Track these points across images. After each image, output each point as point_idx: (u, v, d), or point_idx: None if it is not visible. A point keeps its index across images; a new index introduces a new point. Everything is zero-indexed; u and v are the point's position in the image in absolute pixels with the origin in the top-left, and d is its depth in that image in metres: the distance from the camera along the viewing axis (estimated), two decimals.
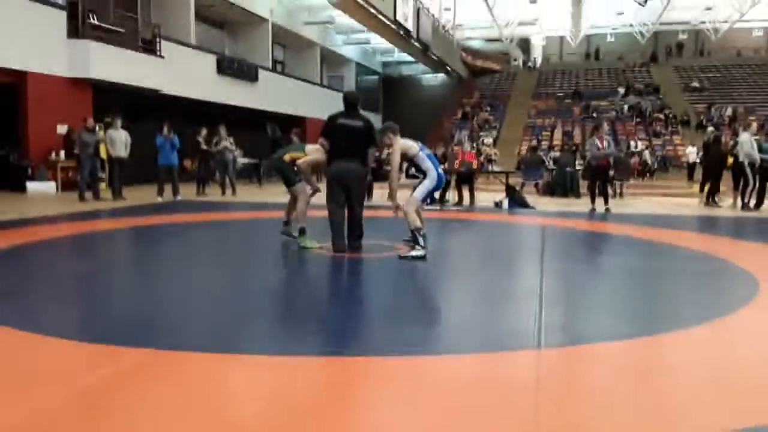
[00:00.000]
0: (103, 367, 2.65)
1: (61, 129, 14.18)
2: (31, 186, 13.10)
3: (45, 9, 13.79)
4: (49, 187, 13.38)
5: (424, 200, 5.74)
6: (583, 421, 2.19)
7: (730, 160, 11.29)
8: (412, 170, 7.07)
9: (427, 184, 5.55)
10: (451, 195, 11.76)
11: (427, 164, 5.57)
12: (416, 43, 25.23)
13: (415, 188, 5.62)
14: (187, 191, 12.76)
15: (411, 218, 5.45)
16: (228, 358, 2.82)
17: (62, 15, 14.26)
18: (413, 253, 5.38)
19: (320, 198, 6.19)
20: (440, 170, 5.68)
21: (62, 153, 13.89)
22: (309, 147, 6.13)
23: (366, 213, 5.97)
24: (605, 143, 10.10)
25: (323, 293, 4.59)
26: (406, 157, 5.64)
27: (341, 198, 5.63)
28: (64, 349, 2.95)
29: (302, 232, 5.93)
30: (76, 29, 14.51)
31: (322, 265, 5.36)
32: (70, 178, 13.52)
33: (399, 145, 5.57)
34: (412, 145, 5.63)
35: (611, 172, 10.66)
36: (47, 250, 6.10)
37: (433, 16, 28.31)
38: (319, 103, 26.51)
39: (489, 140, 28.43)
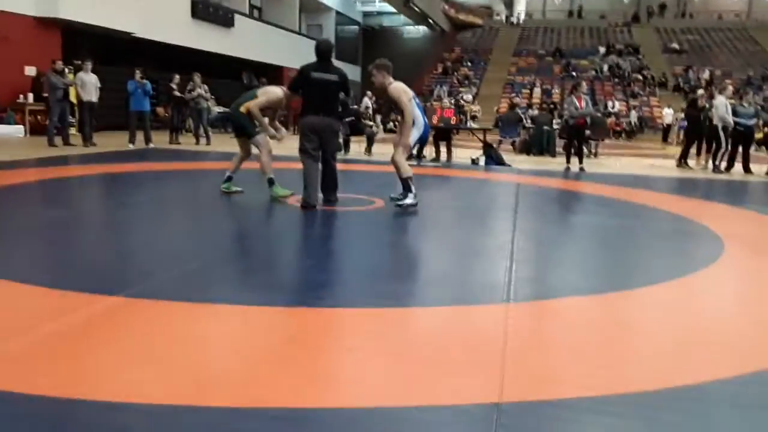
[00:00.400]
0: (69, 314, 2.63)
1: (30, 71, 13.67)
2: None
3: None
4: (17, 130, 12.98)
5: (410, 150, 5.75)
6: (548, 373, 2.25)
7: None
8: (391, 124, 7.06)
9: (414, 133, 5.54)
10: (429, 151, 11.73)
11: (416, 112, 5.55)
12: None
13: (399, 139, 5.62)
14: (160, 139, 12.50)
15: (404, 168, 5.51)
16: (196, 307, 2.82)
17: None
18: (407, 201, 5.47)
19: (283, 148, 6.13)
20: (425, 120, 5.66)
21: (30, 96, 13.44)
22: (260, 91, 5.90)
23: (341, 166, 5.93)
24: (583, 103, 10.11)
25: (295, 245, 4.59)
26: (399, 103, 5.50)
27: (316, 151, 5.53)
28: (31, 296, 2.92)
29: (271, 182, 5.84)
30: None
31: (295, 218, 5.33)
32: (39, 122, 13.11)
33: (397, 87, 5.51)
34: (408, 90, 5.59)
35: (587, 132, 10.70)
36: (15, 195, 5.96)
37: None
38: (297, 52, 25.85)
39: (468, 96, 28.27)
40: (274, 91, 5.83)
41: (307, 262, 3.97)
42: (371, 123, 17.78)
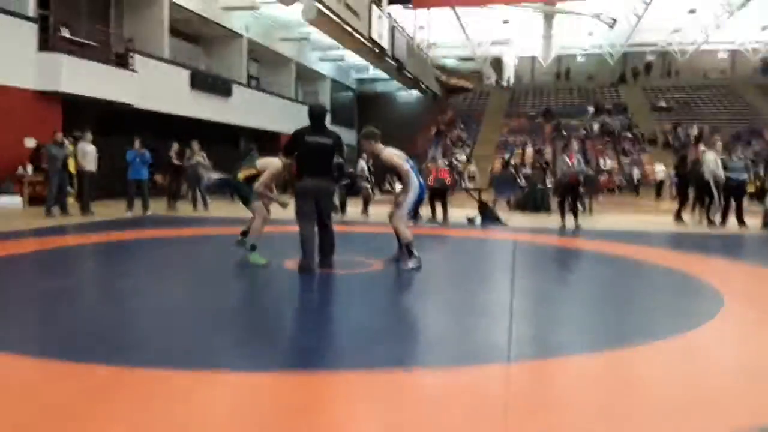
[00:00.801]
0: (65, 386, 2.58)
1: (29, 143, 13.92)
2: None
3: (15, 21, 13.60)
4: (16, 201, 13.09)
5: (408, 213, 5.81)
6: None
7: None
8: (387, 185, 7.21)
9: (410, 197, 5.64)
10: (425, 211, 11.82)
11: (411, 176, 5.70)
12: (391, 61, 25.39)
13: (397, 204, 5.70)
14: (159, 206, 12.60)
15: (403, 234, 5.61)
16: (193, 375, 2.78)
17: (33, 28, 14.07)
18: (411, 264, 5.53)
19: (283, 212, 6.18)
20: (420, 180, 5.76)
21: (29, 167, 13.62)
22: (260, 162, 6.04)
23: (338, 228, 5.96)
24: (575, 161, 10.28)
25: (294, 309, 4.55)
26: (396, 169, 5.74)
27: (312, 215, 5.54)
28: (26, 367, 2.88)
29: (253, 248, 5.85)
30: (46, 42, 14.33)
31: (293, 282, 5.32)
32: (37, 193, 13.25)
33: (390, 152, 5.67)
34: (401, 154, 5.76)
35: (581, 189, 10.84)
36: (12, 265, 5.95)
37: (407, 34, 28.58)
38: (293, 119, 26.43)
39: (462, 157, 28.72)
40: (274, 164, 5.88)
41: (306, 326, 3.94)
42: (367, 185, 18.02)
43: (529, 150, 28.24)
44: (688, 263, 6.74)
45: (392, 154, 5.66)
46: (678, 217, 11.67)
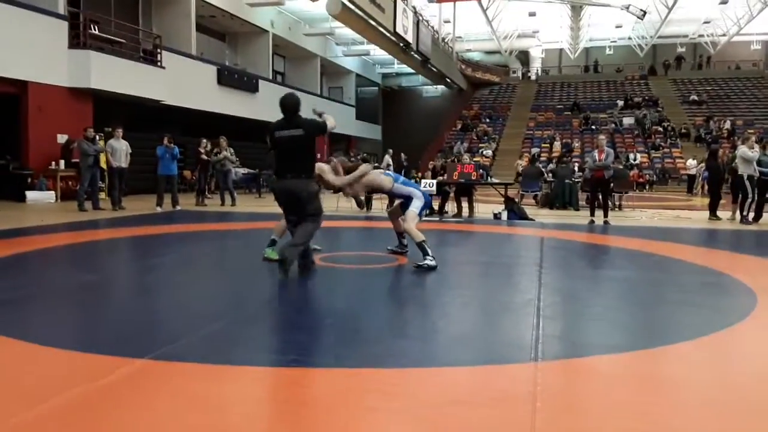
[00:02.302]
0: (96, 378, 2.63)
1: (61, 139, 14.22)
2: (31, 195, 13.11)
3: (46, 19, 13.87)
4: (49, 196, 13.39)
5: (420, 215, 5.84)
6: None
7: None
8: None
9: (418, 204, 5.73)
10: (450, 207, 11.77)
11: (408, 190, 5.80)
12: (416, 55, 25.33)
13: (405, 206, 5.80)
14: (188, 201, 12.76)
15: (414, 234, 5.61)
16: (219, 369, 2.81)
17: (64, 25, 14.34)
18: (426, 262, 5.50)
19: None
20: (423, 189, 5.89)
21: (62, 162, 13.92)
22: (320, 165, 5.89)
23: (363, 224, 5.96)
24: (603, 155, 10.13)
25: (317, 305, 4.58)
26: (381, 190, 5.92)
27: (292, 218, 5.11)
28: (58, 359, 2.94)
29: (272, 243, 5.88)
30: (77, 39, 14.59)
31: (317, 277, 5.34)
32: (70, 188, 13.54)
33: (373, 176, 5.78)
34: (384, 180, 5.82)
35: (611, 184, 10.69)
36: (45, 259, 6.09)
37: (432, 28, 28.46)
38: None
39: (488, 152, 28.53)
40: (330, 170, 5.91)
41: (329, 321, 3.96)
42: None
43: (557, 144, 27.92)
44: (721, 260, 6.60)
45: (380, 181, 5.81)
46: (712, 213, 11.43)
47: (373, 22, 20.20)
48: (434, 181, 11.29)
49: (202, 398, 2.46)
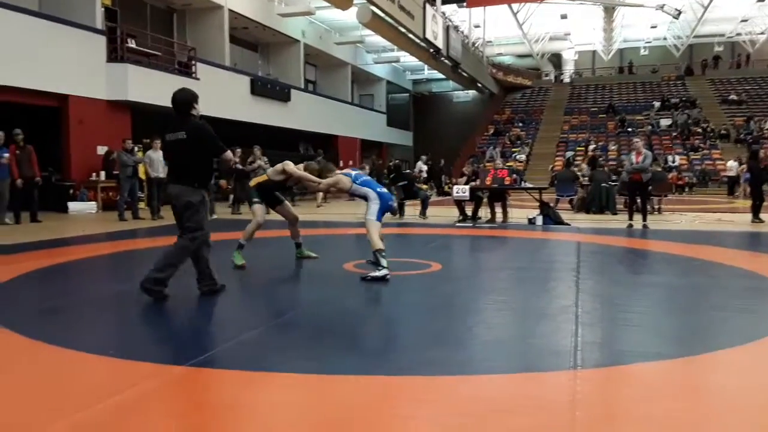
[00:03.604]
0: (135, 385, 2.68)
1: (101, 150, 14.60)
2: (73, 206, 13.47)
3: (85, 34, 14.28)
4: (90, 207, 13.74)
5: (379, 219, 5.51)
6: None
7: None
8: (445, 187, 7.19)
9: (373, 207, 5.48)
10: (483, 212, 11.69)
11: (362, 191, 5.59)
12: (446, 61, 25.29)
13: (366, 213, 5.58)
14: (222, 210, 12.95)
15: (373, 241, 5.34)
16: (254, 375, 2.83)
17: (102, 40, 14.74)
18: (375, 273, 5.25)
19: (342, 216, 6.21)
20: (380, 190, 5.64)
21: (102, 174, 14.28)
22: (269, 171, 6.32)
23: (396, 230, 5.94)
24: (641, 158, 9.94)
25: (351, 311, 4.58)
26: (342, 191, 5.88)
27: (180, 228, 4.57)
28: (100, 366, 3.00)
29: (240, 247, 5.99)
30: (114, 53, 14.98)
31: (351, 283, 5.34)
32: (110, 198, 13.87)
33: (334, 181, 5.74)
34: (344, 180, 5.72)
35: (650, 187, 10.47)
36: (87, 268, 6.24)
37: (462, 33, 28.40)
38: (351, 122, 26.77)
39: (522, 156, 28.26)
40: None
41: (363, 328, 3.95)
42: (425, 186, 17.98)
43: (592, 147, 27.49)
44: (765, 264, 6.39)
45: (340, 180, 5.75)
46: (755, 215, 11.09)
47: (402, 29, 20.25)
48: (467, 187, 11.23)
49: (239, 405, 2.48)
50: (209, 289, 4.58)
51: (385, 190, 5.76)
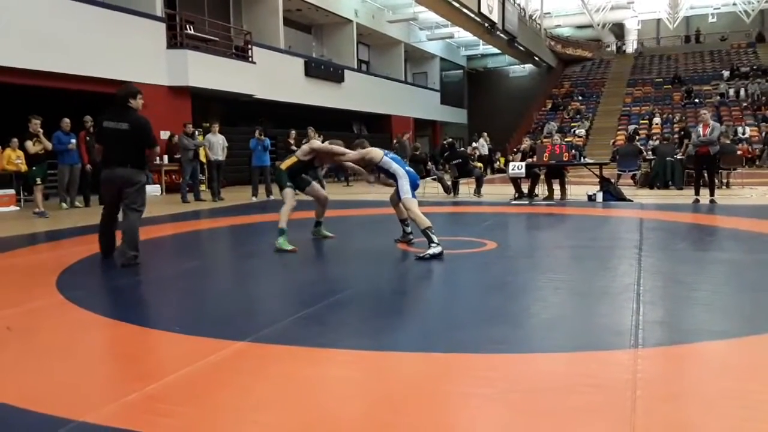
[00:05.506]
0: (200, 359, 2.78)
1: (164, 135, 15.08)
2: None
3: (146, 21, 14.71)
4: (155, 189, 14.26)
5: (414, 195, 5.56)
6: (684, 426, 2.07)
7: None
8: (498, 165, 7.08)
9: (404, 184, 5.50)
10: (541, 189, 11.47)
11: (393, 166, 5.60)
12: (502, 35, 24.74)
13: (397, 194, 5.62)
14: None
15: (419, 219, 5.34)
16: (314, 351, 2.90)
17: (161, 27, 15.14)
18: (430, 251, 5.21)
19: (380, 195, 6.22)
20: (407, 168, 5.70)
21: (165, 158, 14.77)
22: (298, 152, 6.22)
23: (451, 209, 5.91)
24: (708, 130, 9.50)
25: (406, 290, 4.61)
26: (372, 163, 5.74)
27: (111, 206, 5.36)
28: (167, 342, 3.15)
29: (281, 232, 5.90)
30: (174, 39, 15.38)
31: (405, 262, 5.37)
32: (173, 181, 14.36)
33: (366, 151, 5.76)
34: (375, 150, 5.75)
35: (718, 161, 10.01)
36: (153, 249, 6.50)
37: (519, 5, 27.67)
38: (404, 101, 26.63)
39: (581, 131, 27.47)
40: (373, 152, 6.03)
41: (419, 306, 3.97)
42: (480, 164, 17.76)
43: (657, 120, 26.43)
44: None
45: (374, 153, 5.74)
46: None
47: (456, 4, 19.91)
48: (523, 164, 11.03)
49: (299, 379, 2.55)
50: (130, 257, 5.14)
51: (411, 169, 5.81)
